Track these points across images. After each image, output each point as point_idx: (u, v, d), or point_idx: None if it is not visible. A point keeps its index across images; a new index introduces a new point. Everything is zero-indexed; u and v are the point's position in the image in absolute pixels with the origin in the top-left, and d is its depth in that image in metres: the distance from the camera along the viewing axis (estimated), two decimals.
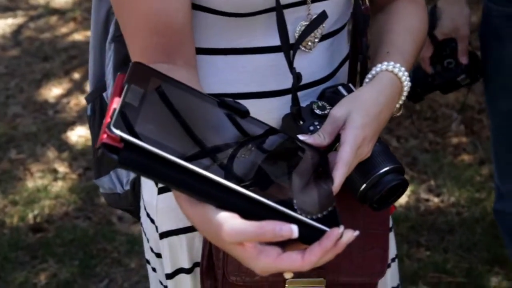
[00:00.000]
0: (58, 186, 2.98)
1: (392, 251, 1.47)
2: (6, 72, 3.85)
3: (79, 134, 3.30)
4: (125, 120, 0.89)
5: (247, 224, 0.90)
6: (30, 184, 3.00)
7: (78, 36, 4.24)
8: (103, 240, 2.69)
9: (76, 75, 3.80)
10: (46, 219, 2.82)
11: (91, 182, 2.94)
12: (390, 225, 1.40)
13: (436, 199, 2.86)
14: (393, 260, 1.49)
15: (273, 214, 0.93)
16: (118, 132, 0.85)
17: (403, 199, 1.33)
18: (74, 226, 2.80)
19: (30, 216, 2.87)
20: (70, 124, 3.38)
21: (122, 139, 0.87)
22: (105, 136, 0.86)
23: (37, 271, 2.56)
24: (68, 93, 3.67)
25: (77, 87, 3.72)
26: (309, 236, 0.93)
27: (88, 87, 3.79)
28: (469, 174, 2.90)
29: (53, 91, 3.65)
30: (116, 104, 0.91)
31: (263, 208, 0.94)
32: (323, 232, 0.93)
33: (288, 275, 0.98)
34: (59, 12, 4.50)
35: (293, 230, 0.89)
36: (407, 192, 1.75)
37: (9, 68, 3.86)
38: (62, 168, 3.08)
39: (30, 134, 3.32)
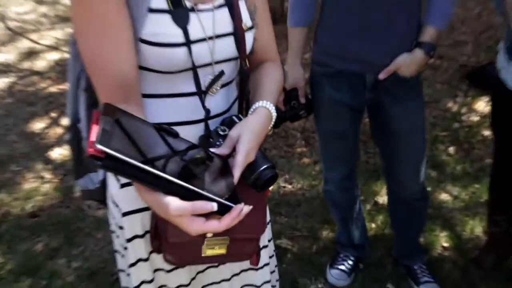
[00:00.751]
0: (46, 187, 2.90)
1: (267, 218, 1.50)
2: (5, 114, 3.76)
3: (58, 153, 3.22)
4: (103, 138, 0.89)
5: (185, 203, 0.95)
6: (26, 186, 2.92)
7: (53, 89, 4.12)
8: (79, 221, 2.63)
9: (54, 114, 3.71)
10: (38, 209, 2.74)
11: (69, 184, 2.94)
12: (266, 201, 1.43)
13: (289, 186, 2.87)
14: (268, 223, 1.52)
15: (200, 197, 0.97)
16: (100, 147, 0.88)
17: (272, 186, 1.38)
18: (58, 213, 2.72)
19: (28, 207, 2.76)
20: (51, 146, 3.30)
21: (103, 152, 0.89)
22: (92, 149, 0.89)
23: (35, 242, 2.49)
24: (48, 126, 3.58)
25: (54, 122, 3.63)
26: (223, 210, 0.99)
27: (62, 122, 3.68)
28: (308, 170, 2.95)
29: (38, 125, 3.56)
30: (96, 129, 0.92)
31: (194, 194, 0.97)
32: (230, 207, 1.00)
33: (209, 234, 1.04)
34: (39, 73, 4.38)
35: (214, 206, 0.97)
36: None
37: (7, 111, 3.75)
38: (47, 175, 2.99)
39: (24, 153, 3.25)
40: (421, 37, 1.74)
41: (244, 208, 1.02)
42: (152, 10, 1.10)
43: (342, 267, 2.21)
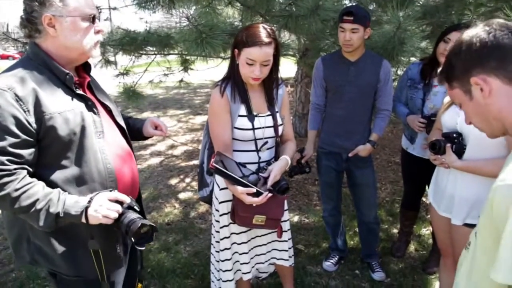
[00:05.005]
0: (175, 211, 2.94)
1: (286, 217, 1.59)
2: (157, 175, 3.63)
3: (183, 195, 3.19)
4: (216, 162, 1.09)
5: (245, 188, 1.17)
6: (165, 210, 2.92)
7: (182, 164, 3.97)
8: (191, 229, 2.69)
9: (181, 176, 3.63)
10: (171, 221, 2.79)
11: (187, 210, 2.94)
12: (284, 203, 1.46)
13: (306, 220, 2.76)
14: (286, 220, 1.60)
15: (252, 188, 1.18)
16: (215, 164, 1.08)
17: (287, 194, 1.20)
18: (180, 224, 2.75)
19: (166, 220, 2.77)
20: (179, 192, 3.26)
21: (215, 167, 1.07)
22: (211, 166, 1.08)
23: (168, 237, 2.59)
24: (179, 182, 3.48)
25: (182, 180, 3.53)
26: (259, 194, 1.19)
27: (186, 181, 3.45)
28: (318, 212, 2.86)
29: (173, 181, 3.51)
30: (213, 159, 1.11)
31: (250, 187, 1.18)
32: (262, 193, 1.20)
33: (254, 204, 1.15)
34: (176, 156, 4.24)
35: (254, 190, 1.17)
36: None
37: (158, 174, 3.68)
38: (176, 205, 3.04)
39: (166, 194, 3.22)
40: (370, 137, 1.90)
41: (268, 195, 1.17)
42: (240, 115, 1.33)
43: (331, 261, 2.23)
